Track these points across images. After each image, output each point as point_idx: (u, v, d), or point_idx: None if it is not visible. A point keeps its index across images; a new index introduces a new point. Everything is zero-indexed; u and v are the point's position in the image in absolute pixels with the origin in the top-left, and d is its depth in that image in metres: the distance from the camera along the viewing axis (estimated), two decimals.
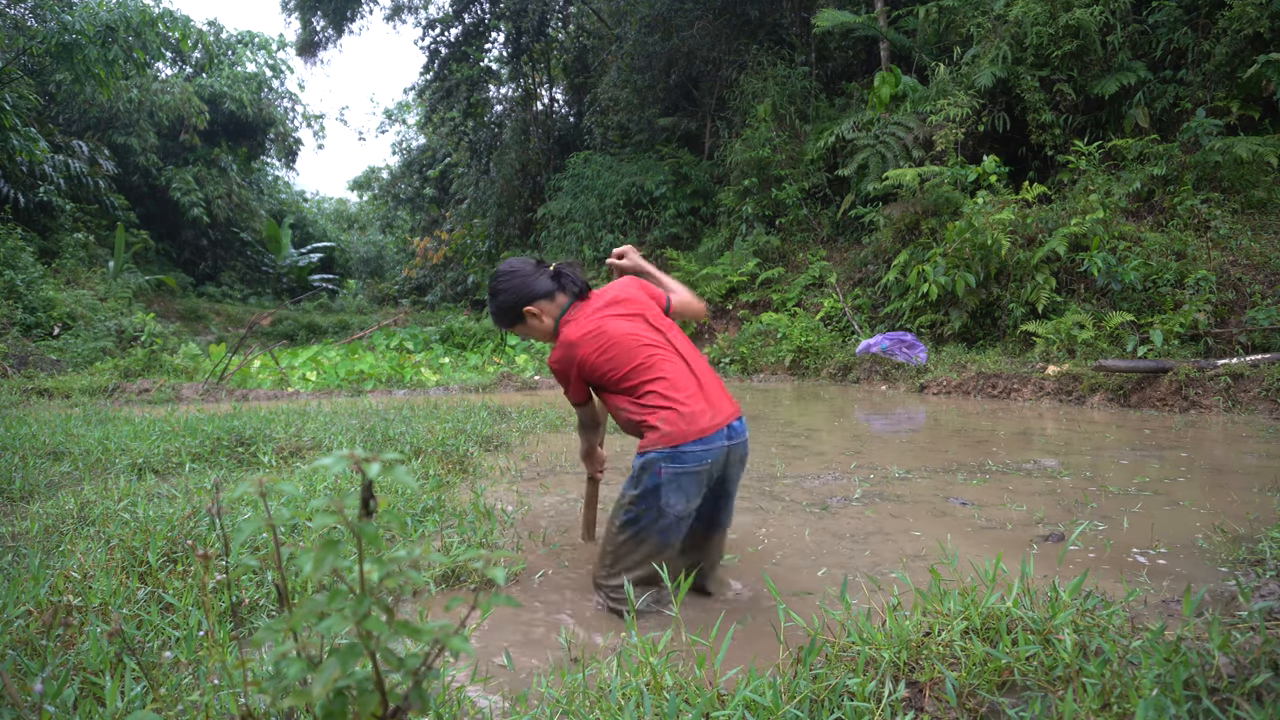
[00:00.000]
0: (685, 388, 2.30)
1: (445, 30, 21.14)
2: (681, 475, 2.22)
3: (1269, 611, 1.77)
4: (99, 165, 18.01)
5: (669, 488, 2.22)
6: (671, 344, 2.41)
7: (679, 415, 2.24)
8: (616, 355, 2.33)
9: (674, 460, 2.21)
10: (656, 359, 2.34)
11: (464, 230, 23.33)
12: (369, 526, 0.83)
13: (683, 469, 2.22)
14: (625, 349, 2.34)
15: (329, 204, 40.04)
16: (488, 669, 1.95)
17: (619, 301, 2.46)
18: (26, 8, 15.26)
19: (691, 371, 2.36)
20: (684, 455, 2.21)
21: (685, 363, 2.37)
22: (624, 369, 2.32)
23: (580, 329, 2.39)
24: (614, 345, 2.34)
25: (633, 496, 2.27)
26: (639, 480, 2.26)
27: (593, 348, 2.35)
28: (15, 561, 2.45)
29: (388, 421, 5.45)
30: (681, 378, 2.32)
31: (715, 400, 2.32)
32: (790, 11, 15.37)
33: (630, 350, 2.34)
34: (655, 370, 2.31)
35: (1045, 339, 8.12)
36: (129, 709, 1.48)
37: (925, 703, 1.46)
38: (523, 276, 2.47)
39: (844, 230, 12.81)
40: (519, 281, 2.47)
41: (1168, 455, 4.59)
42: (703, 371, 2.39)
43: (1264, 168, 8.35)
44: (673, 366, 2.34)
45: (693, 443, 2.22)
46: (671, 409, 2.25)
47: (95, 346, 11.06)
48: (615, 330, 2.37)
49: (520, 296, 2.46)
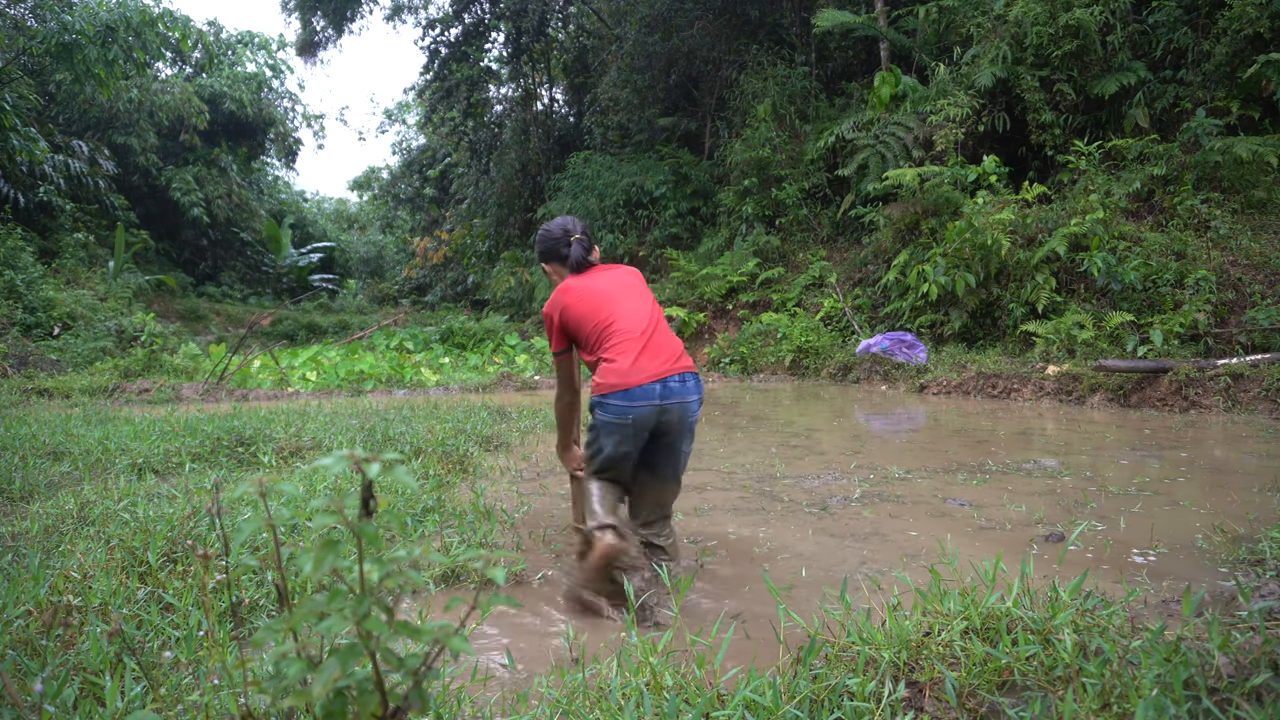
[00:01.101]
0: (628, 347, 2.57)
1: (445, 30, 21.14)
2: (608, 422, 2.54)
3: (1269, 611, 1.77)
4: (99, 165, 18.01)
5: (600, 429, 2.57)
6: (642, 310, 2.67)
7: (612, 369, 2.53)
8: (591, 308, 2.65)
9: (600, 408, 2.55)
10: (617, 318, 2.62)
11: (464, 230, 23.33)
12: (369, 526, 0.83)
13: (609, 418, 2.53)
14: (600, 304, 2.65)
15: (329, 204, 40.01)
16: (488, 669, 1.95)
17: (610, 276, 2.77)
18: (26, 8, 15.26)
19: (642, 333, 2.60)
20: (608, 405, 2.53)
21: (641, 326, 2.62)
22: (593, 322, 2.63)
23: (570, 283, 2.75)
24: (590, 298, 2.67)
25: (589, 426, 2.64)
26: (591, 416, 2.61)
27: (576, 298, 2.68)
28: (15, 561, 2.45)
29: (388, 421, 5.45)
30: (629, 338, 2.58)
31: (653, 358, 2.56)
32: (790, 11, 15.36)
33: (603, 306, 2.64)
34: (612, 328, 2.61)
35: (1045, 339, 8.12)
36: (129, 709, 1.48)
37: (925, 703, 1.46)
38: (551, 241, 2.87)
39: (844, 230, 12.80)
40: (545, 246, 2.90)
41: (1168, 455, 4.59)
42: (655, 334, 2.62)
43: (1264, 168, 8.35)
44: (626, 325, 2.60)
45: (616, 394, 2.51)
46: (610, 363, 2.55)
47: (95, 346, 11.06)
48: (593, 287, 2.70)
49: (541, 253, 2.93)
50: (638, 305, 2.67)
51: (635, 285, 2.76)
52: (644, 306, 2.68)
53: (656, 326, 2.65)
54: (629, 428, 2.52)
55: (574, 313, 2.67)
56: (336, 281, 29.50)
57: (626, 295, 2.69)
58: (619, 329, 2.59)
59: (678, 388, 2.55)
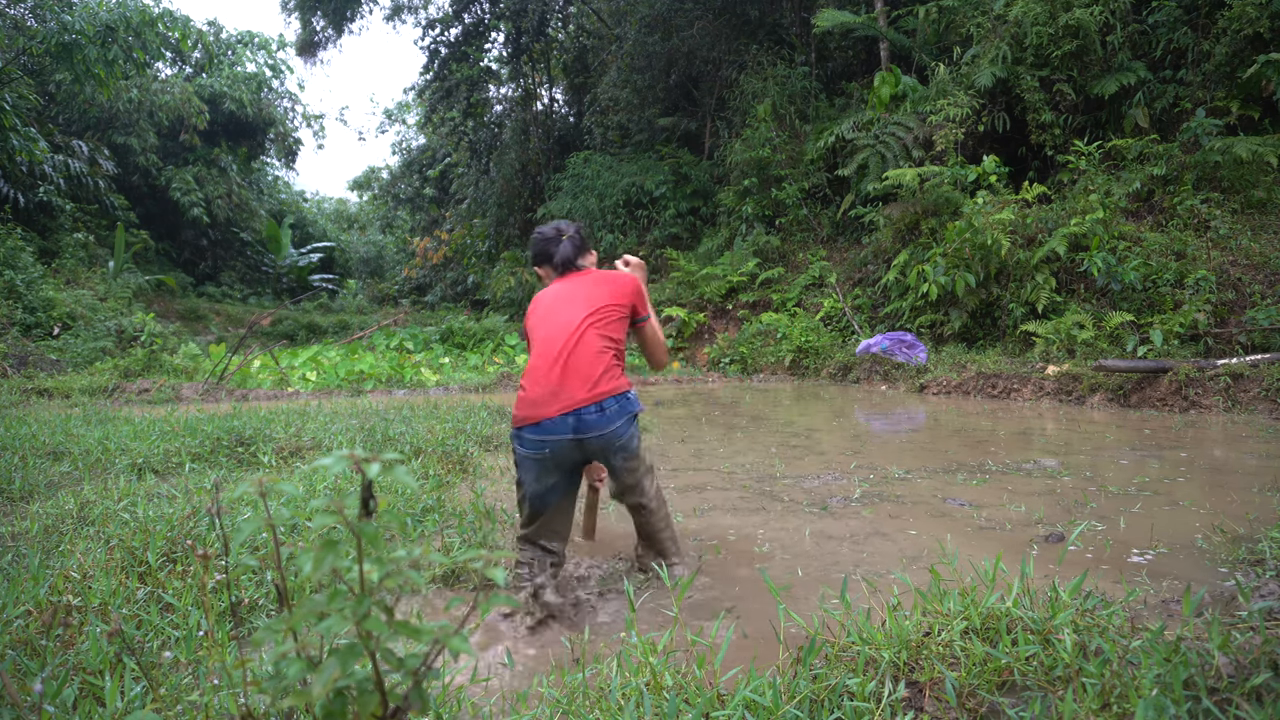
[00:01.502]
0: (540, 374, 2.37)
1: (445, 30, 21.14)
2: (524, 458, 2.38)
3: (1269, 611, 1.77)
4: (99, 165, 18.00)
5: (520, 465, 2.41)
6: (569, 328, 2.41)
7: (524, 398, 2.37)
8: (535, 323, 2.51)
9: (517, 440, 2.39)
10: (538, 338, 2.45)
11: (464, 230, 23.33)
12: (369, 526, 0.83)
13: (524, 452, 2.37)
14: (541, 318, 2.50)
15: (329, 204, 40.02)
16: (488, 669, 1.95)
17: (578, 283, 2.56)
18: (26, 8, 15.25)
19: (557, 356, 2.37)
20: (523, 438, 2.37)
21: (558, 346, 2.39)
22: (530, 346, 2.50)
23: (541, 294, 2.62)
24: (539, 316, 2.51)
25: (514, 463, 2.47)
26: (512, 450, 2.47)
27: (534, 311, 2.56)
28: (15, 561, 2.45)
29: (388, 421, 5.45)
30: (543, 361, 2.38)
31: (565, 386, 2.33)
32: (790, 11, 15.36)
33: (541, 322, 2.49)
34: (533, 350, 2.44)
35: (1045, 339, 8.12)
36: (129, 709, 1.48)
37: (925, 703, 1.46)
38: (543, 242, 2.69)
39: (844, 230, 12.80)
40: (536, 249, 2.72)
41: (1168, 455, 4.58)
42: (573, 356, 2.36)
43: (1264, 168, 8.35)
44: (544, 347, 2.41)
45: (528, 428, 2.34)
46: (523, 394, 2.38)
47: (95, 346, 11.06)
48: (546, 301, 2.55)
49: (532, 255, 2.75)
50: (567, 319, 2.42)
51: (584, 294, 2.50)
52: (569, 323, 2.41)
53: (578, 345, 2.37)
54: (547, 461, 2.34)
55: (528, 327, 2.54)
56: (336, 281, 29.50)
57: (562, 310, 2.46)
58: (537, 351, 2.42)
59: (594, 419, 2.31)
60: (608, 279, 2.58)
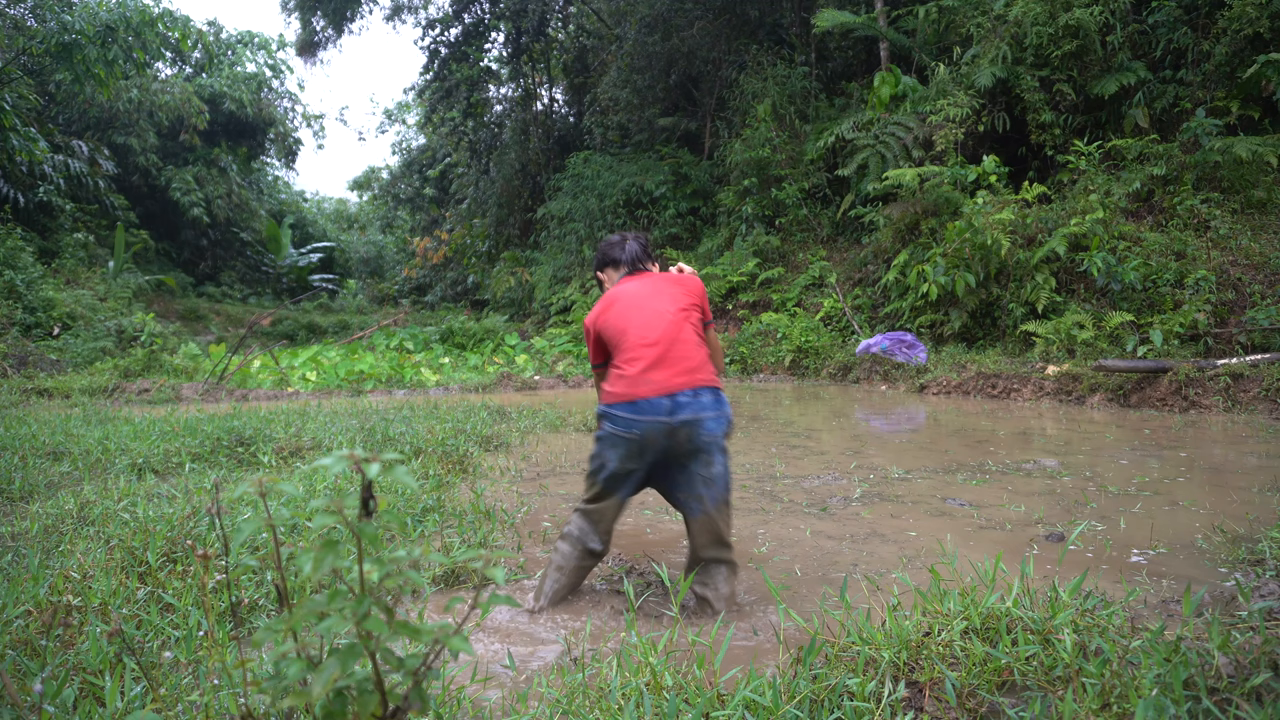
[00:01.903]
0: (641, 358, 2.40)
1: (445, 30, 21.15)
2: (613, 435, 2.37)
3: (1269, 611, 1.77)
4: (99, 165, 18.01)
5: (604, 442, 2.41)
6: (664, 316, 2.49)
7: (622, 378, 2.39)
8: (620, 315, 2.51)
9: (607, 419, 2.40)
10: (631, 326, 2.47)
11: (464, 230, 23.33)
12: (369, 527, 0.83)
13: (615, 430, 2.37)
14: (624, 310, 2.51)
15: (329, 204, 40.03)
16: (488, 669, 1.95)
17: (654, 280, 2.62)
18: (26, 8, 15.26)
19: (655, 342, 2.42)
20: (614, 416, 2.37)
21: (656, 334, 2.44)
22: (618, 332, 2.48)
23: (614, 291, 2.61)
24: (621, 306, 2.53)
25: (596, 439, 2.47)
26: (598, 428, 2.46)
27: (612, 306, 2.55)
28: (15, 561, 2.45)
29: (388, 421, 5.45)
30: (641, 346, 2.42)
31: (664, 369, 2.37)
32: (790, 11, 15.36)
33: (627, 313, 2.50)
34: (627, 336, 2.46)
35: (1045, 339, 8.12)
36: (129, 709, 1.48)
37: (925, 703, 1.46)
38: (609, 245, 2.77)
39: (844, 230, 12.80)
40: (601, 249, 2.80)
41: (1168, 455, 4.58)
42: (674, 344, 2.43)
43: (1264, 168, 8.35)
44: (640, 333, 2.45)
45: (622, 405, 2.35)
46: (620, 374, 2.41)
47: (95, 346, 11.06)
48: (628, 292, 2.56)
49: (598, 261, 2.80)
50: (657, 311, 2.48)
51: (665, 290, 2.56)
52: (664, 312, 2.48)
53: (677, 336, 2.43)
54: (635, 443, 2.34)
55: (609, 321, 2.52)
56: (336, 281, 29.50)
57: (650, 300, 2.52)
58: (633, 337, 2.43)
59: (688, 402, 2.33)
60: (679, 279, 2.64)
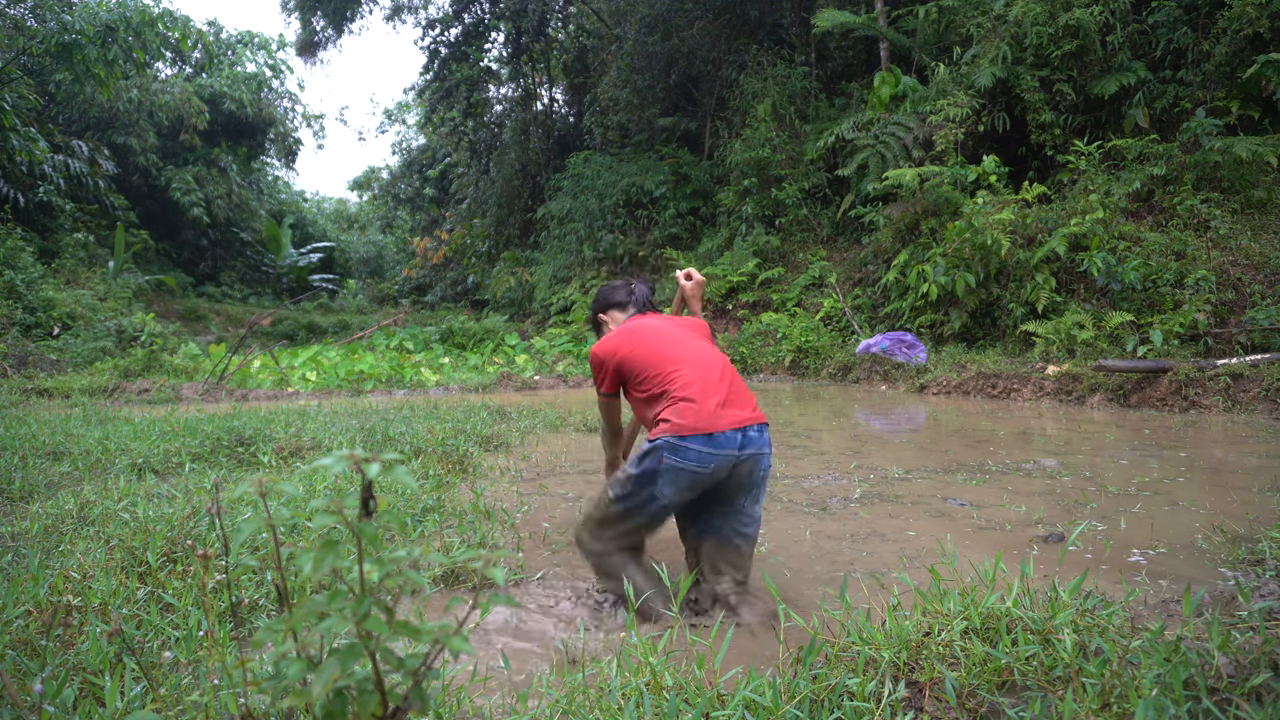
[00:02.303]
0: (704, 386, 2.33)
1: (445, 30, 21.15)
2: (680, 469, 2.24)
3: (1269, 611, 1.77)
4: (99, 165, 18.01)
5: (665, 476, 2.26)
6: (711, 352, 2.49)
7: (692, 410, 2.27)
8: (657, 346, 2.47)
9: (675, 452, 2.24)
10: (683, 356, 2.43)
11: (464, 230, 23.33)
12: (369, 527, 0.83)
13: (683, 463, 2.24)
14: (658, 343, 2.48)
15: (329, 204, 40.04)
16: (488, 669, 1.95)
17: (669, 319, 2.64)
18: (26, 8, 15.26)
19: (721, 378, 2.38)
20: (686, 450, 2.23)
21: (718, 370, 2.41)
22: (653, 363, 2.43)
23: (631, 325, 2.60)
24: (650, 338, 2.50)
25: (631, 475, 2.31)
26: (641, 462, 2.30)
27: (635, 338, 2.51)
28: (15, 561, 2.45)
29: (388, 421, 5.45)
30: (702, 376, 2.36)
31: (733, 405, 2.32)
32: (790, 11, 15.36)
33: (662, 345, 2.47)
34: (680, 366, 2.40)
35: (1045, 339, 8.12)
36: (129, 709, 1.48)
37: (925, 703, 1.46)
38: (611, 289, 2.82)
39: (844, 230, 12.80)
40: (602, 292, 2.84)
41: (1168, 455, 4.59)
42: (736, 380, 2.43)
43: (1264, 168, 8.35)
44: (695, 364, 2.40)
45: (697, 438, 2.24)
46: (690, 403, 2.29)
47: (95, 346, 11.06)
48: (653, 326, 2.56)
49: (597, 304, 2.83)
50: (709, 350, 2.49)
51: (686, 328, 2.59)
52: (715, 353, 2.50)
53: (729, 369, 2.46)
54: (705, 477, 2.26)
55: (636, 353, 2.47)
56: (336, 281, 29.51)
57: (695, 338, 2.53)
58: (693, 371, 2.38)
59: (756, 437, 2.31)
60: (689, 322, 2.67)
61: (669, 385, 2.36)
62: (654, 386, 2.40)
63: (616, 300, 2.76)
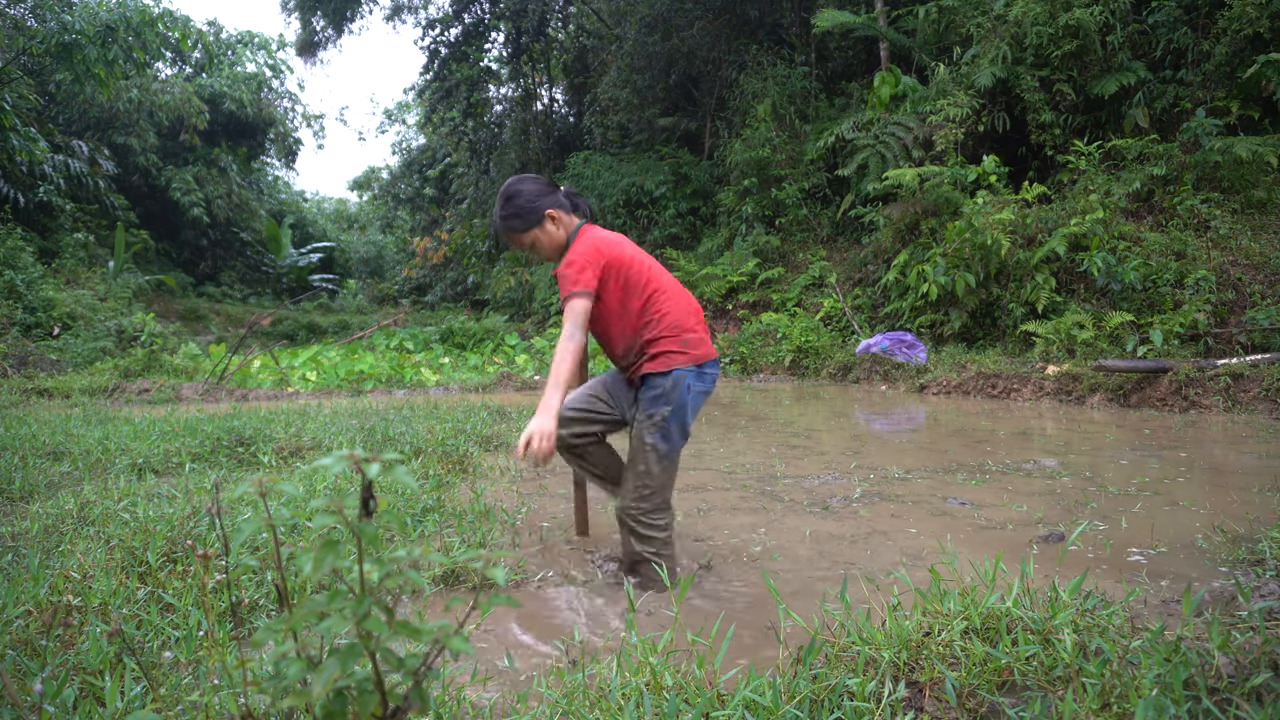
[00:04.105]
0: (698, 317, 2.48)
1: (445, 30, 21.15)
2: (701, 394, 2.37)
3: (1269, 611, 1.77)
4: (99, 165, 18.00)
5: (692, 406, 2.34)
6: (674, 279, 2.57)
7: (695, 339, 2.39)
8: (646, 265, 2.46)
9: (699, 377, 2.35)
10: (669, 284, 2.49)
11: (464, 230, 23.32)
12: (369, 527, 0.83)
13: (703, 388, 2.38)
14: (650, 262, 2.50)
15: (329, 204, 40.03)
16: (488, 669, 1.95)
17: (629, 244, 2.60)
18: (26, 8, 15.26)
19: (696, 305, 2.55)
20: (705, 375, 2.38)
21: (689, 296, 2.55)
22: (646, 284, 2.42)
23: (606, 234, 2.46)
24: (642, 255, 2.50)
25: (664, 414, 2.30)
26: (670, 397, 2.29)
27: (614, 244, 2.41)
28: (15, 561, 2.45)
29: (388, 421, 5.45)
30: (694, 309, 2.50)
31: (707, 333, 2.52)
32: (790, 11, 15.36)
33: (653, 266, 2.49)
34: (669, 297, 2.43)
35: (1045, 339, 8.12)
36: (129, 709, 1.48)
37: (925, 703, 1.46)
38: (541, 185, 2.48)
39: (844, 230, 12.80)
40: (539, 188, 2.46)
41: (1168, 455, 4.59)
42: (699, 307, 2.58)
43: (1264, 168, 8.35)
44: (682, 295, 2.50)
45: (711, 364, 2.40)
46: (692, 333, 2.40)
47: (95, 346, 11.05)
48: (628, 246, 2.48)
49: (543, 201, 2.44)
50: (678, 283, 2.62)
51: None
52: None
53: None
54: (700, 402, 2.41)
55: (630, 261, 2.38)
56: (336, 281, 29.50)
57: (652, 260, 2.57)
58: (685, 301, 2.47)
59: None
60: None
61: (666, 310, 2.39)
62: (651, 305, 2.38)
63: (558, 201, 2.47)
